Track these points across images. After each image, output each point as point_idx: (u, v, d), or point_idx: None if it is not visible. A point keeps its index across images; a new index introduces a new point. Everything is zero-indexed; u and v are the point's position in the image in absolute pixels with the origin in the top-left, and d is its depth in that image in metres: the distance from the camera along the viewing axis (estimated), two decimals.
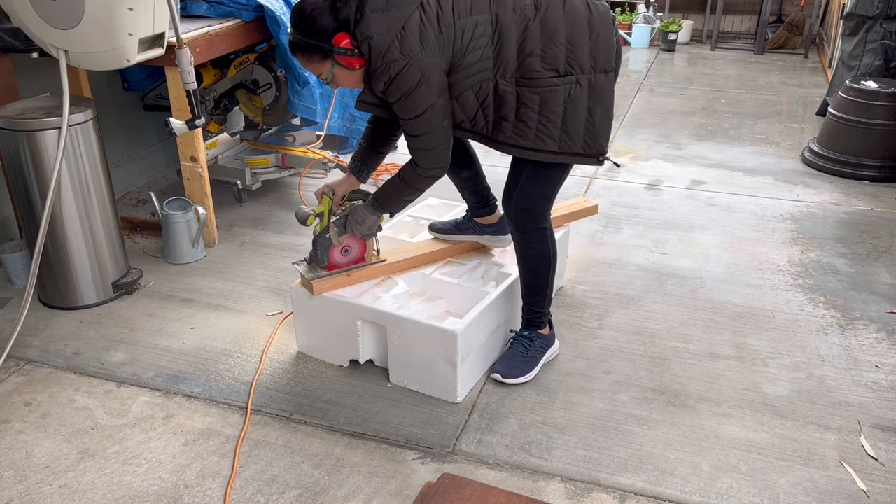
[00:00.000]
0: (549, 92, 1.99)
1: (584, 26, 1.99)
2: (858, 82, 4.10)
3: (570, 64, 1.99)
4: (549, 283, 2.32)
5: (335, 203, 2.34)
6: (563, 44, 1.97)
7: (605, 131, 2.10)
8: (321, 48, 1.96)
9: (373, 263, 2.42)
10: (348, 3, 1.92)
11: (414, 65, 1.92)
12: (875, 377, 2.38)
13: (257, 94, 3.42)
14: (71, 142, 2.56)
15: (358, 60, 1.96)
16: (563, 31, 1.97)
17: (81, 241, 2.70)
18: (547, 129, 2.04)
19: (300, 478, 1.97)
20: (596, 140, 2.09)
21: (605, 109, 2.07)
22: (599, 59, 2.02)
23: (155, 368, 2.42)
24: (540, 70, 1.98)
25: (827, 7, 7.05)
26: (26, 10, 2.37)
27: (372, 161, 2.37)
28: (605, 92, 2.05)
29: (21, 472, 1.99)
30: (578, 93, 2.01)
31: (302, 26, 1.96)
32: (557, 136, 2.05)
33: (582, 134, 2.06)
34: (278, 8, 3.16)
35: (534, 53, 1.97)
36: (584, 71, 2.00)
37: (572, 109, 2.02)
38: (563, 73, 1.99)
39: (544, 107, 2.01)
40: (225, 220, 3.48)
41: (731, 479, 1.97)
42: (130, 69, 3.37)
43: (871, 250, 3.23)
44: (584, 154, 2.10)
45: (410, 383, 2.31)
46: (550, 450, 2.07)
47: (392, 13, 1.91)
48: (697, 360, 2.47)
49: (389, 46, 1.91)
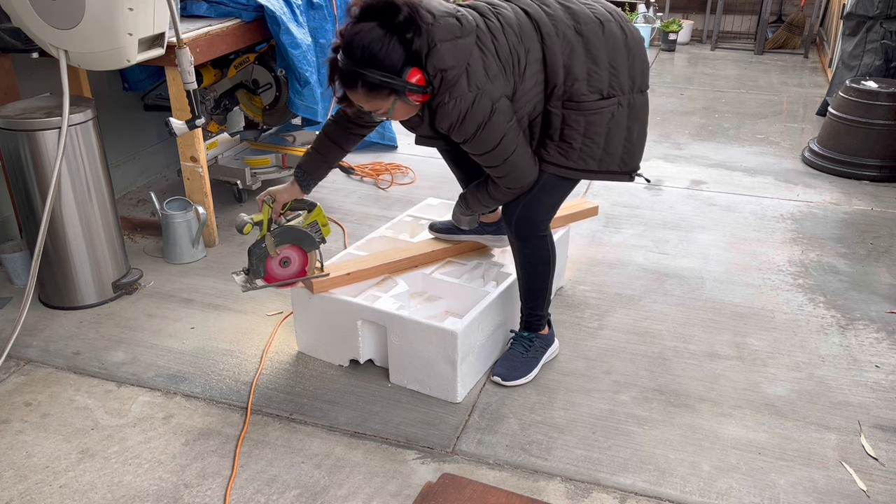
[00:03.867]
0: (595, 114, 2.03)
1: (622, 49, 2.04)
2: (858, 82, 4.10)
3: (612, 86, 2.03)
4: (549, 287, 2.32)
5: (275, 212, 2.23)
6: (606, 67, 2.02)
7: (640, 149, 2.16)
8: (392, 84, 1.82)
9: (315, 277, 2.30)
10: (421, 34, 1.79)
11: (484, 96, 1.88)
12: (875, 377, 2.38)
13: (257, 94, 3.42)
14: (71, 142, 2.56)
15: (425, 97, 1.88)
16: (605, 56, 2.01)
17: (81, 241, 2.70)
18: (590, 149, 2.07)
19: (300, 478, 1.97)
20: (632, 158, 2.15)
21: (642, 128, 2.13)
22: (637, 79, 2.08)
23: (155, 368, 2.42)
24: (586, 94, 2.01)
25: (827, 7, 7.05)
26: (26, 10, 2.37)
27: (318, 172, 2.27)
28: (643, 111, 2.12)
29: (21, 472, 1.99)
30: (620, 113, 2.06)
31: (366, 60, 1.80)
32: (598, 157, 2.09)
33: (620, 153, 2.11)
34: (278, 8, 3.16)
35: (580, 78, 2.00)
36: (625, 91, 2.06)
37: (615, 130, 2.07)
38: (607, 96, 2.03)
39: (589, 128, 2.04)
40: (225, 220, 3.48)
41: (731, 479, 1.97)
42: (130, 69, 3.37)
43: (871, 250, 3.23)
44: (620, 171, 2.14)
45: (410, 383, 2.31)
46: (550, 450, 2.07)
47: (459, 43, 1.85)
48: (697, 360, 2.47)
49: (459, 80, 1.85)
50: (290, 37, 3.19)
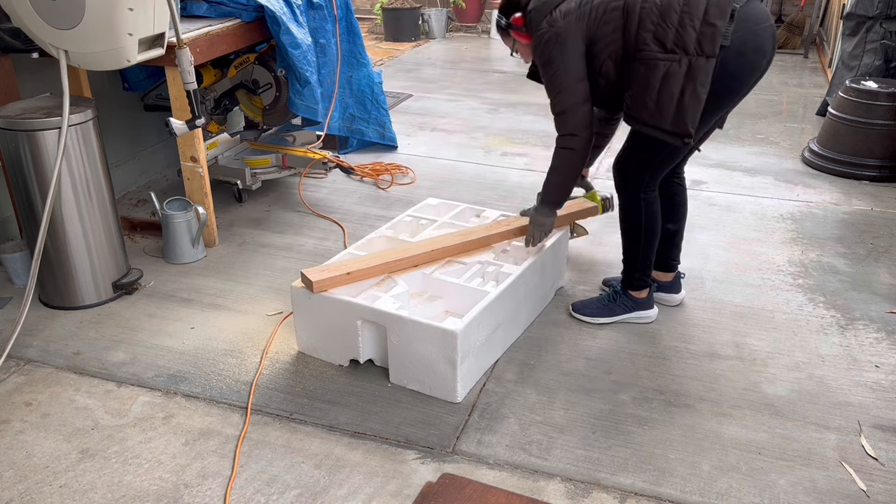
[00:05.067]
0: (652, 65, 2.19)
1: (699, 14, 2.14)
2: (858, 82, 4.10)
3: (676, 43, 2.16)
4: (641, 250, 2.54)
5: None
6: (674, 25, 2.16)
7: (692, 111, 2.20)
8: (501, 24, 2.43)
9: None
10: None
11: (553, 31, 2.25)
12: (875, 377, 2.38)
13: (257, 94, 3.42)
14: (71, 142, 2.56)
15: (527, 36, 2.36)
16: (676, 15, 2.16)
17: (81, 241, 2.70)
18: (643, 100, 2.23)
19: (300, 478, 1.97)
20: (682, 119, 2.21)
21: (696, 91, 2.18)
22: (705, 45, 2.15)
23: (155, 368, 2.42)
24: (649, 44, 2.19)
25: (827, 7, 7.05)
26: (26, 10, 2.37)
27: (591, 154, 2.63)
28: (701, 74, 2.16)
29: (21, 471, 1.99)
30: (676, 71, 2.17)
31: (501, 7, 2.44)
32: (650, 109, 2.23)
33: (672, 111, 2.21)
34: (278, 8, 3.16)
35: (648, 29, 2.18)
36: (688, 52, 2.16)
37: (666, 85, 2.19)
38: (668, 51, 2.17)
39: (645, 78, 2.21)
40: (225, 220, 3.48)
41: (730, 478, 1.97)
42: (131, 69, 3.37)
43: (871, 250, 3.23)
44: (672, 132, 2.24)
45: (410, 383, 2.31)
46: (550, 450, 2.07)
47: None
48: (697, 360, 2.47)
49: (542, 20, 2.28)
50: (291, 37, 3.19)
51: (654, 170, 2.42)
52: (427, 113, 5.29)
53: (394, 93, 5.72)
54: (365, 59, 4.08)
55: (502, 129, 4.92)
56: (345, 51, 3.90)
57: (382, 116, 4.32)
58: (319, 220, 3.52)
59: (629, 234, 2.54)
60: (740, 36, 2.14)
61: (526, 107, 5.42)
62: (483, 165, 4.23)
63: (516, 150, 4.50)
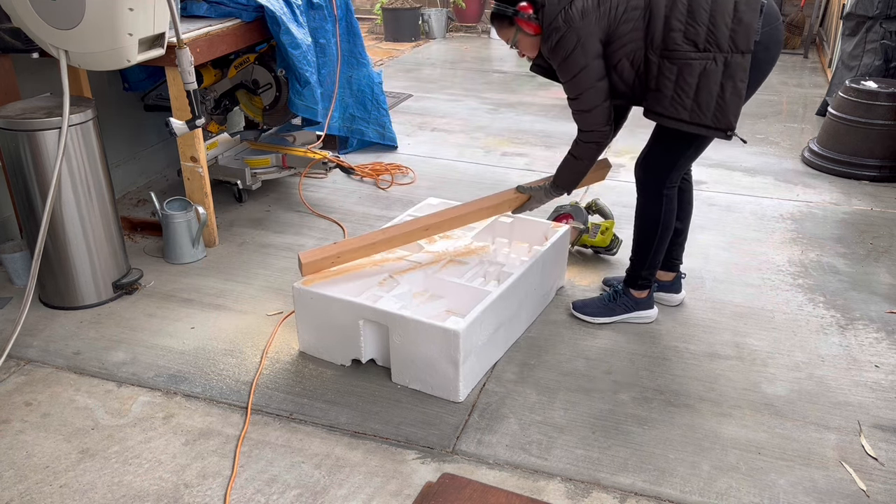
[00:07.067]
0: (686, 65, 2.18)
1: (730, 11, 2.14)
2: (858, 82, 4.11)
3: (708, 42, 2.16)
4: (653, 248, 2.53)
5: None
6: (704, 23, 2.15)
7: (734, 107, 2.22)
8: (507, 13, 2.29)
9: None
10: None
11: (572, 31, 2.20)
12: (875, 377, 2.39)
13: (257, 94, 3.42)
14: (71, 142, 2.56)
15: (535, 26, 2.26)
16: (706, 13, 2.15)
17: (81, 241, 2.70)
18: (681, 99, 2.23)
19: (300, 478, 1.97)
20: (725, 115, 2.22)
21: (736, 87, 2.20)
22: (740, 41, 2.15)
23: (155, 368, 2.42)
24: (680, 44, 2.17)
25: (827, 7, 7.05)
26: (26, 10, 2.37)
27: None
28: (739, 71, 2.18)
29: (21, 471, 1.99)
30: (713, 69, 2.18)
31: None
32: (689, 107, 2.23)
33: (713, 108, 2.22)
34: (278, 8, 3.16)
35: (677, 29, 2.17)
36: (723, 50, 2.16)
37: (705, 83, 2.19)
38: (702, 50, 2.17)
39: (680, 78, 2.21)
40: (225, 220, 3.48)
41: (730, 478, 1.98)
42: (131, 69, 3.37)
43: (871, 250, 3.23)
44: (714, 127, 2.24)
45: (412, 383, 2.31)
46: (550, 450, 2.07)
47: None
48: (697, 360, 2.48)
49: (557, 15, 2.20)
50: (291, 37, 3.19)
51: (681, 166, 2.44)
52: (427, 113, 5.29)
53: (394, 93, 5.72)
54: (365, 59, 4.08)
55: (502, 129, 4.92)
56: (345, 51, 3.90)
57: (382, 116, 4.32)
58: (319, 220, 3.52)
59: (645, 230, 2.54)
60: (767, 31, 2.20)
61: (526, 107, 5.43)
62: (483, 165, 4.23)
63: (516, 150, 4.50)
